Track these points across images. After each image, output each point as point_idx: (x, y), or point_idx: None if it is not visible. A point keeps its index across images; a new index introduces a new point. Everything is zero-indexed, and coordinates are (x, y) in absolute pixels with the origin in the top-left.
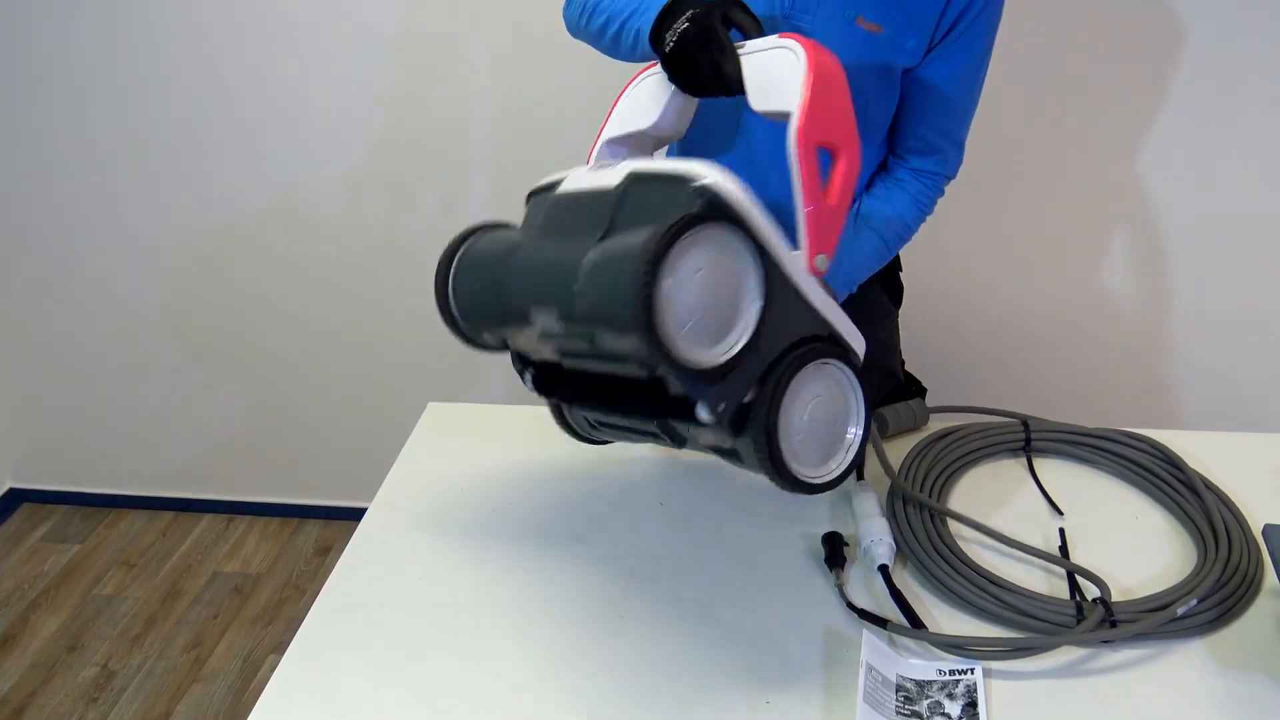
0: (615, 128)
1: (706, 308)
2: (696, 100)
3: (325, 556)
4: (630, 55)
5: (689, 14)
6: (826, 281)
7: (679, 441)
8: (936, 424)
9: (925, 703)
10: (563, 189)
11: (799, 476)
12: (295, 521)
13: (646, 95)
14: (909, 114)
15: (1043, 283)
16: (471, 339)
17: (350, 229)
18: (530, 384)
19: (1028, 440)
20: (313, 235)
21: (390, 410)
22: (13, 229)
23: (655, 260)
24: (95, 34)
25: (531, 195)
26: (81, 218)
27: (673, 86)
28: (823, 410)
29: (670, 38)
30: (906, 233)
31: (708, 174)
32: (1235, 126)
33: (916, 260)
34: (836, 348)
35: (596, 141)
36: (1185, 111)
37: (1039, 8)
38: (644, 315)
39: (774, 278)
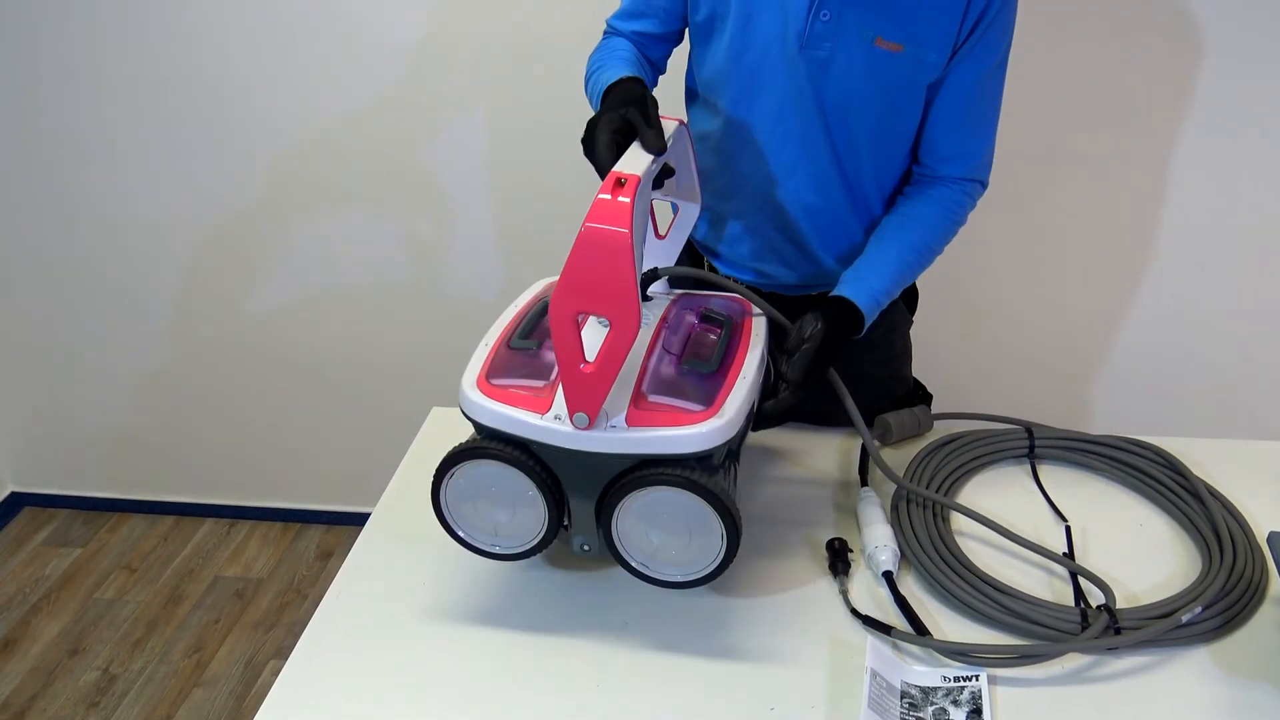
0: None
1: (490, 512)
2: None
3: (327, 561)
4: None
5: (592, 119)
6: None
7: None
8: (940, 430)
9: (930, 709)
10: None
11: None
12: (297, 526)
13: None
14: (937, 121)
15: (1047, 289)
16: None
17: (355, 232)
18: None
19: (1032, 447)
20: (317, 238)
21: (393, 415)
22: (15, 231)
23: (434, 497)
24: (94, 29)
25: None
26: (85, 220)
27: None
28: (671, 531)
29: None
30: (939, 245)
31: (468, 396)
32: (1243, 134)
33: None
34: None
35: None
36: (1191, 120)
37: (1053, 19)
38: (440, 519)
39: (556, 473)
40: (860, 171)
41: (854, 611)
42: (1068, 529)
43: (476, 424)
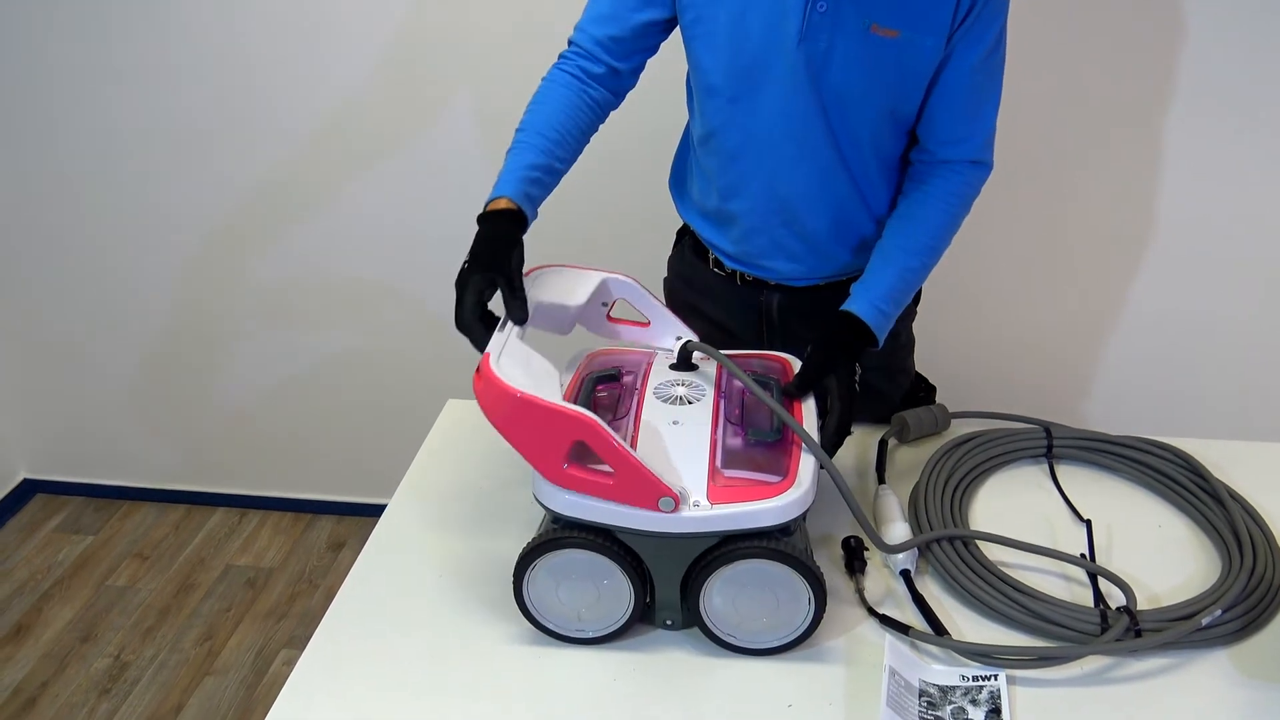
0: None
1: (573, 598)
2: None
3: (338, 552)
4: None
5: (463, 265)
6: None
7: None
8: (958, 428)
9: (949, 708)
10: None
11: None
12: (308, 517)
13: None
14: (937, 105)
15: (1065, 288)
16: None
17: (367, 222)
18: None
19: (1050, 447)
20: (329, 229)
21: (405, 407)
22: (27, 222)
23: (515, 587)
24: (99, 16)
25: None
26: (94, 210)
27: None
28: (759, 601)
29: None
30: (944, 240)
31: (541, 487)
32: (1259, 131)
33: (940, 264)
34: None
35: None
36: (1207, 117)
37: (1054, 14)
38: (522, 610)
39: (639, 555)
40: (863, 162)
41: (871, 610)
42: (1089, 528)
43: (557, 515)
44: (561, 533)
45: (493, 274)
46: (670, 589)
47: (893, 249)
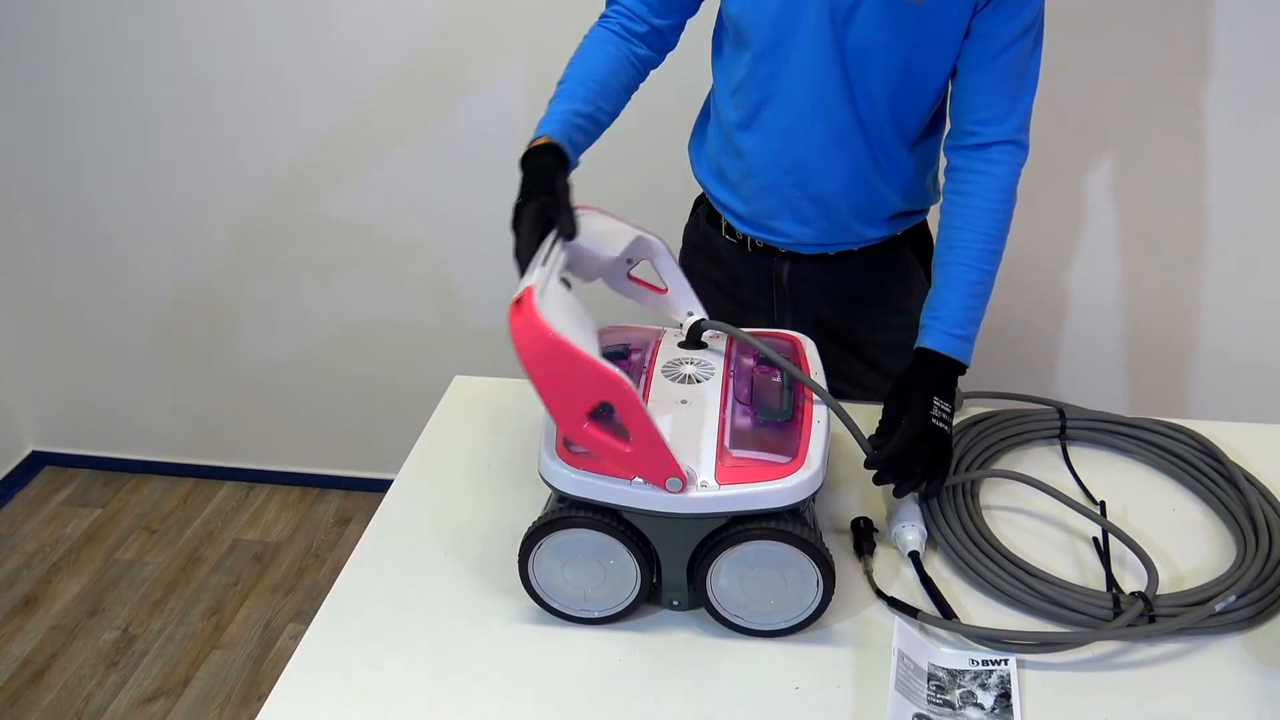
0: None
1: (579, 579)
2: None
3: (345, 527)
4: None
5: (515, 203)
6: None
7: None
8: (971, 409)
9: (958, 692)
10: None
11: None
12: (315, 491)
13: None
14: (973, 81)
15: (1079, 269)
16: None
17: (376, 198)
18: None
19: (1063, 428)
20: (337, 204)
21: (413, 383)
22: (32, 196)
23: (521, 567)
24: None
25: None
26: (104, 186)
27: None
28: (766, 582)
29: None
30: (999, 242)
31: (549, 468)
32: None
33: None
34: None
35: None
36: (1229, 96)
37: None
38: (528, 590)
39: (647, 536)
40: (879, 126)
41: (879, 593)
42: (1103, 509)
43: (563, 494)
44: (567, 512)
45: (544, 198)
46: (677, 570)
47: (952, 266)
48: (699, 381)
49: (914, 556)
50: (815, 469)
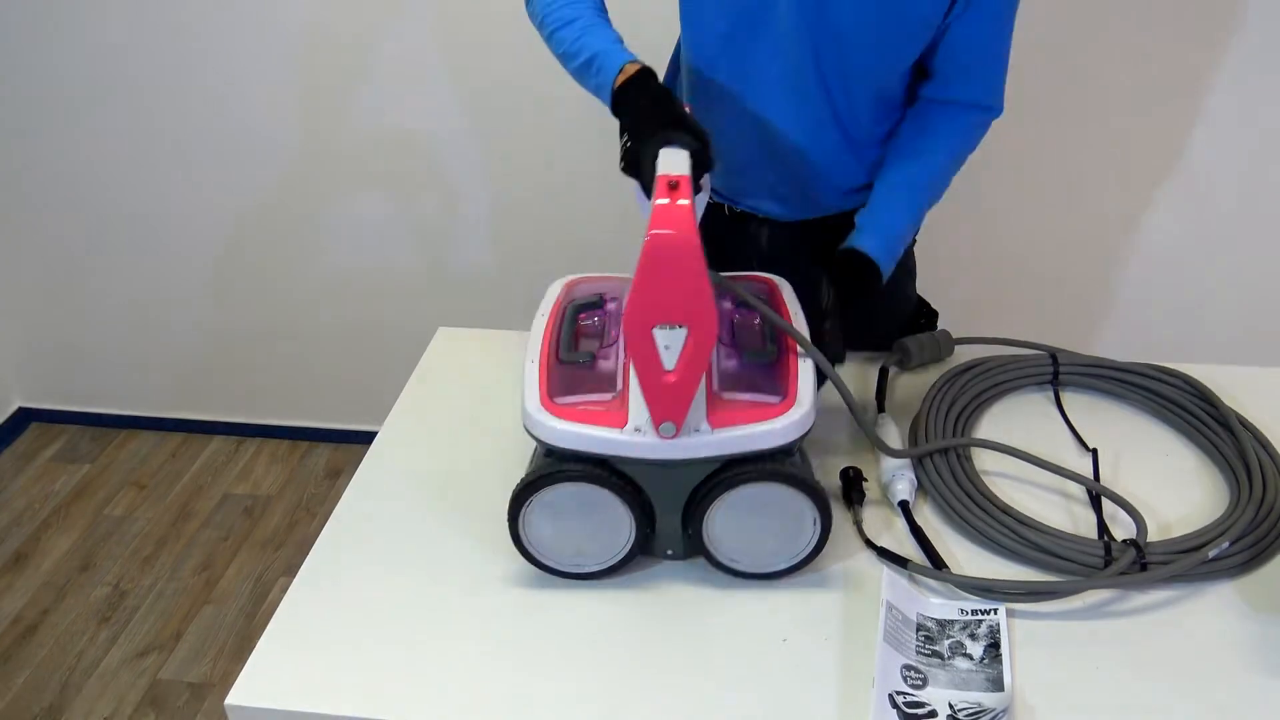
0: None
1: (572, 534)
2: None
3: (336, 479)
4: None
5: (625, 143)
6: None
7: None
8: (962, 355)
9: (946, 642)
10: None
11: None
12: (305, 444)
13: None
14: (946, 44)
15: (1073, 211)
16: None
17: (361, 149)
18: None
19: (1056, 373)
20: (322, 156)
21: (402, 334)
22: (18, 147)
23: (511, 525)
24: None
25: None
26: (90, 135)
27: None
28: (762, 526)
29: (620, 151)
30: (945, 179)
31: (536, 419)
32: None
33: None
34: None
35: None
36: (1227, 37)
37: None
38: (519, 548)
39: (640, 485)
40: (854, 110)
41: (869, 543)
42: (1095, 456)
43: (550, 446)
44: (557, 466)
45: (676, 131)
46: (672, 518)
47: (899, 184)
48: (678, 327)
49: (904, 506)
50: (807, 408)
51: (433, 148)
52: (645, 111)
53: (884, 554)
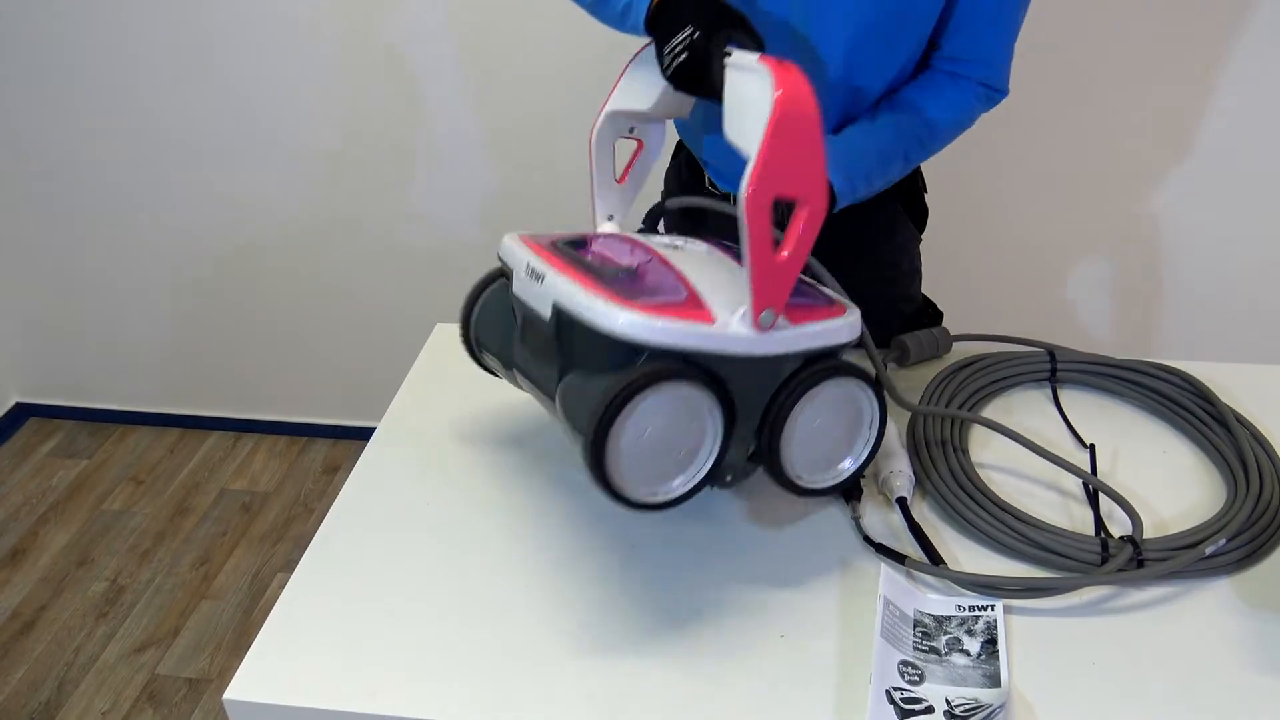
0: (618, 101)
1: (661, 454)
2: None
3: (333, 475)
4: (619, 28)
5: (689, 40)
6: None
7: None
8: (960, 352)
9: (944, 638)
10: (515, 288)
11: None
12: (303, 440)
13: (645, 76)
14: (960, 19)
15: (1072, 208)
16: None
17: (358, 145)
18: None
19: (1053, 370)
20: (320, 152)
21: (400, 330)
22: (15, 143)
23: (598, 441)
24: None
25: (500, 260)
26: (84, 130)
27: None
28: (827, 431)
29: (669, 60)
30: (932, 140)
31: (622, 319)
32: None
33: (941, 183)
34: (829, 370)
35: (601, 111)
36: (1229, 29)
37: None
38: (596, 472)
39: (728, 388)
40: (856, 89)
41: (866, 539)
42: (1092, 452)
43: (642, 343)
44: (661, 365)
45: (733, 29)
46: (750, 426)
47: (885, 125)
48: (685, 249)
49: (901, 503)
50: (858, 312)
51: (431, 145)
52: (706, 7)
53: (882, 550)
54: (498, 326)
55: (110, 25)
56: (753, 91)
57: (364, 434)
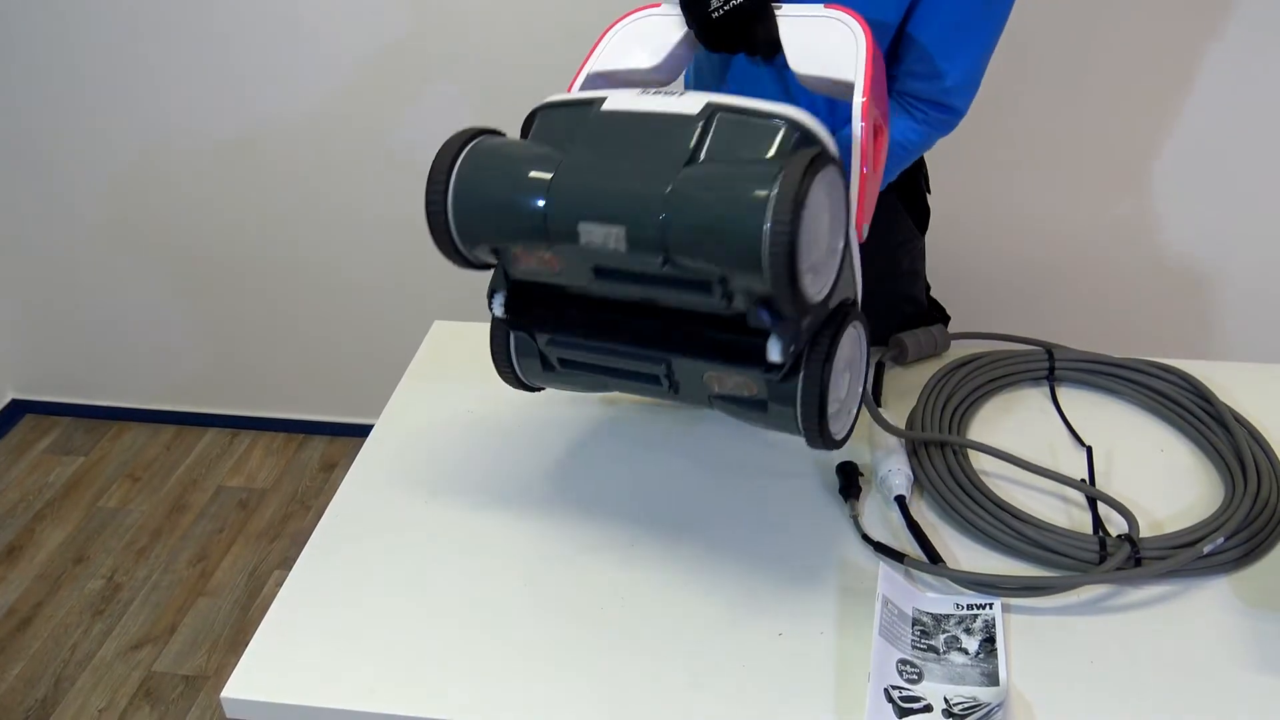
0: (608, 61)
1: (820, 246)
2: (696, 48)
3: (330, 473)
4: None
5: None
6: None
7: (675, 387)
8: (958, 350)
9: (942, 637)
10: (612, 108)
11: (832, 433)
12: (300, 437)
13: (652, 36)
14: (911, 31)
15: (1070, 207)
16: (459, 251)
17: (355, 140)
18: (500, 309)
19: (1051, 369)
20: (317, 146)
21: (397, 327)
22: (9, 139)
23: (799, 201)
24: None
25: (540, 110)
26: (80, 128)
27: (684, 34)
28: (847, 369)
29: (720, 5)
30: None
31: (796, 114)
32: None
33: (940, 182)
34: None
35: (580, 71)
36: (1228, 26)
37: None
38: (786, 255)
39: (849, 226)
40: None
41: (865, 538)
42: (1089, 453)
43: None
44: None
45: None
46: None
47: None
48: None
49: (900, 501)
50: None
51: (430, 143)
52: None
53: (880, 549)
54: (497, 200)
55: (110, 25)
56: (833, 36)
57: (362, 431)
